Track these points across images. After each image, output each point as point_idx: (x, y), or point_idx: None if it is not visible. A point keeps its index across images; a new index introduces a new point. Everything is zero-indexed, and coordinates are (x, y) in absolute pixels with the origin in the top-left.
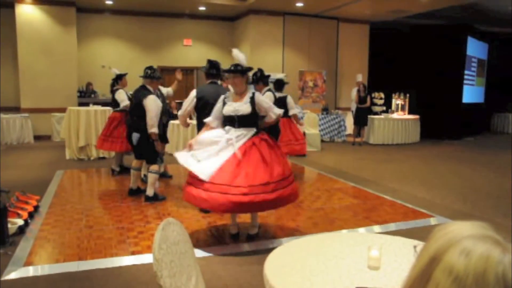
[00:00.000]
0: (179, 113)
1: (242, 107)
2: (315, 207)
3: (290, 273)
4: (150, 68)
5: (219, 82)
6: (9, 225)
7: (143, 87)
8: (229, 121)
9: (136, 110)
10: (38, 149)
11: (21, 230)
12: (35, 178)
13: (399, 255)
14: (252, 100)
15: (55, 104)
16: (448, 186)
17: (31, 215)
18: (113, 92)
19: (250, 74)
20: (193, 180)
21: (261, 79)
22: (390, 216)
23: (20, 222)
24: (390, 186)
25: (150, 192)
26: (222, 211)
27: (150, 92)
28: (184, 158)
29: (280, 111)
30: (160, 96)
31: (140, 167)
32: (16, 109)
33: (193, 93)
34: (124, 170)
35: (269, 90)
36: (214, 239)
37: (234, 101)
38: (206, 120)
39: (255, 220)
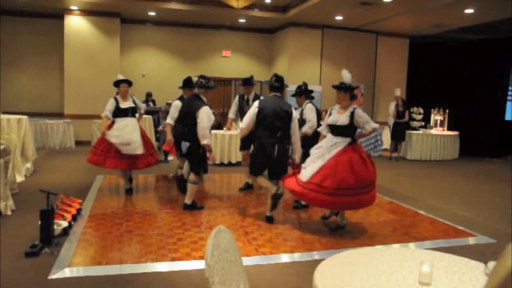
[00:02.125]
0: (242, 126)
1: (341, 118)
2: (353, 222)
3: (340, 285)
4: (203, 77)
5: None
6: (55, 226)
7: (196, 97)
8: (331, 129)
9: (188, 119)
10: (79, 154)
11: (65, 231)
12: (76, 182)
13: (450, 272)
14: (352, 114)
15: (96, 111)
16: (491, 205)
17: (74, 218)
18: None
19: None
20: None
21: (304, 92)
22: (430, 233)
23: (65, 224)
24: (429, 203)
25: (188, 201)
26: (313, 205)
27: (204, 103)
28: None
29: (376, 125)
30: None
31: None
32: (60, 115)
33: (256, 103)
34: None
35: (310, 102)
36: (252, 249)
37: (338, 113)
38: (320, 129)
39: (341, 217)
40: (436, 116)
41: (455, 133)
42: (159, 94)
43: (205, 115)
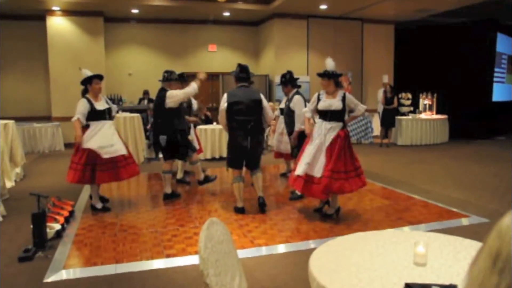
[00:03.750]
0: (219, 119)
1: (335, 103)
2: (347, 209)
3: (336, 270)
4: (166, 71)
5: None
6: (47, 230)
7: (163, 89)
8: (323, 115)
9: (159, 113)
10: (69, 156)
11: (58, 234)
12: (67, 184)
13: (445, 251)
14: (343, 99)
15: None
16: (483, 186)
17: (67, 220)
18: None
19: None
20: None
21: (289, 81)
22: (424, 216)
23: (58, 226)
24: (421, 187)
25: (200, 176)
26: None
27: (166, 91)
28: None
29: (364, 107)
30: (187, 101)
31: (171, 170)
32: (48, 118)
33: (224, 97)
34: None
35: (297, 93)
36: (248, 241)
37: (328, 99)
38: (305, 110)
39: (334, 202)
40: (425, 101)
41: (444, 116)
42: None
43: (173, 93)
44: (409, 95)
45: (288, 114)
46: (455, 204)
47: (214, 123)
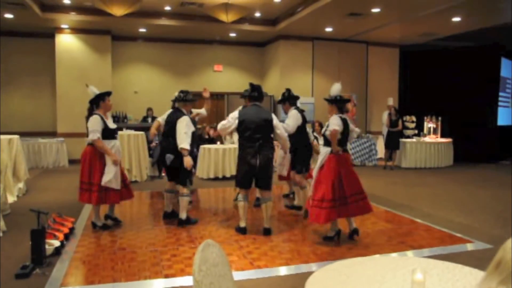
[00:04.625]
0: (218, 126)
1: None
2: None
3: None
4: (182, 91)
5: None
6: (46, 246)
7: (177, 110)
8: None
9: (171, 131)
10: (72, 173)
11: (57, 251)
12: (70, 200)
13: (444, 279)
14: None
15: None
16: (487, 210)
17: (66, 237)
18: (88, 118)
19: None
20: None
21: (288, 99)
22: (426, 241)
23: (57, 243)
24: (424, 210)
25: (183, 215)
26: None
27: (183, 114)
28: None
29: (359, 130)
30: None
31: (173, 190)
32: (53, 134)
33: (236, 114)
34: (116, 221)
35: (296, 109)
36: (247, 263)
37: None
38: (337, 128)
39: (334, 224)
40: (429, 124)
41: (449, 140)
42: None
43: (182, 122)
44: (414, 118)
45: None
46: (458, 229)
47: (218, 143)
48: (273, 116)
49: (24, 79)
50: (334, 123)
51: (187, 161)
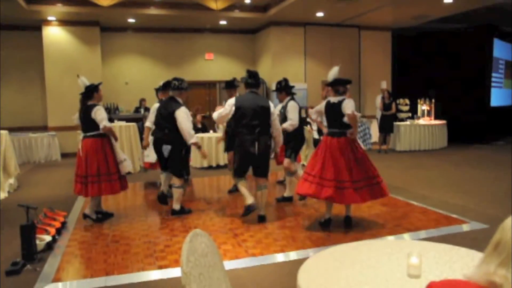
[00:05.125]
0: (214, 116)
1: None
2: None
3: (325, 285)
4: (177, 79)
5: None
6: (37, 242)
7: (172, 99)
8: None
9: (167, 122)
10: (64, 166)
11: (49, 246)
12: (62, 195)
13: (440, 262)
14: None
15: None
16: (482, 191)
17: (58, 231)
18: (86, 109)
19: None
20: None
21: (284, 88)
22: (422, 223)
23: (48, 238)
24: (420, 192)
25: (176, 206)
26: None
27: (181, 104)
28: None
29: (359, 114)
30: None
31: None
32: (44, 128)
33: (232, 101)
34: (107, 215)
35: (292, 99)
36: (242, 251)
37: None
38: (313, 111)
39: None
40: (423, 106)
41: (443, 122)
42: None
43: (184, 116)
44: (407, 101)
45: (283, 121)
46: (454, 210)
47: (211, 131)
48: (271, 103)
49: (12, 74)
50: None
51: (203, 153)
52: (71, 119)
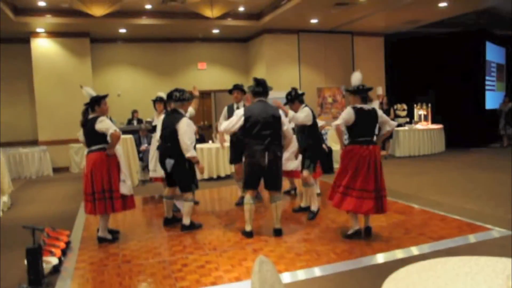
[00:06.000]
0: (221, 128)
1: None
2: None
3: None
4: (178, 90)
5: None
6: (44, 265)
7: (175, 111)
8: None
9: (170, 135)
10: (58, 182)
11: (56, 269)
12: (59, 212)
13: None
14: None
15: (72, 135)
16: (493, 195)
17: (64, 253)
18: (89, 121)
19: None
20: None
21: (296, 98)
22: (445, 231)
23: (55, 260)
24: (432, 199)
25: (186, 221)
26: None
27: (183, 116)
28: None
29: (395, 123)
30: None
31: (172, 196)
32: (34, 143)
33: (241, 111)
34: (114, 233)
35: (306, 106)
36: None
37: None
38: (336, 124)
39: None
40: (420, 111)
41: (440, 126)
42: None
43: (185, 127)
44: (405, 106)
45: (303, 131)
46: (472, 216)
47: (210, 142)
48: (281, 112)
49: (1, 86)
50: (340, 117)
51: (201, 168)
52: (62, 133)
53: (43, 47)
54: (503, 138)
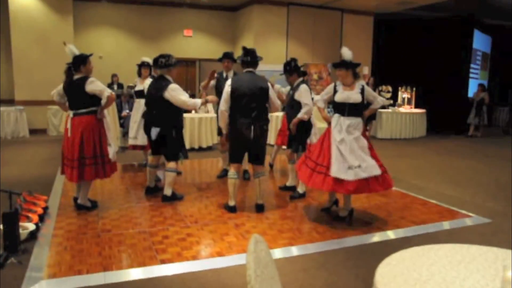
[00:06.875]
0: (221, 109)
1: (354, 95)
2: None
3: None
4: (163, 56)
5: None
6: (20, 230)
7: (161, 77)
8: (340, 108)
9: (156, 103)
10: (35, 144)
11: (32, 235)
12: (36, 176)
13: None
14: (362, 91)
15: (51, 97)
16: (473, 182)
17: (41, 218)
18: (74, 82)
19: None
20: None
21: (295, 70)
22: (426, 216)
23: (32, 226)
24: (412, 182)
25: (168, 191)
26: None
27: (170, 82)
28: None
29: (383, 99)
30: None
31: (157, 164)
32: (10, 102)
33: (228, 83)
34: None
35: (303, 82)
36: (247, 244)
37: (346, 91)
38: (317, 100)
39: (347, 203)
40: (404, 94)
41: (423, 110)
42: (119, 77)
43: (174, 93)
44: (390, 88)
45: (292, 106)
46: (452, 203)
47: (193, 112)
48: (269, 84)
49: None
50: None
51: (211, 98)
52: (40, 93)
53: (22, 2)
54: (469, 127)
